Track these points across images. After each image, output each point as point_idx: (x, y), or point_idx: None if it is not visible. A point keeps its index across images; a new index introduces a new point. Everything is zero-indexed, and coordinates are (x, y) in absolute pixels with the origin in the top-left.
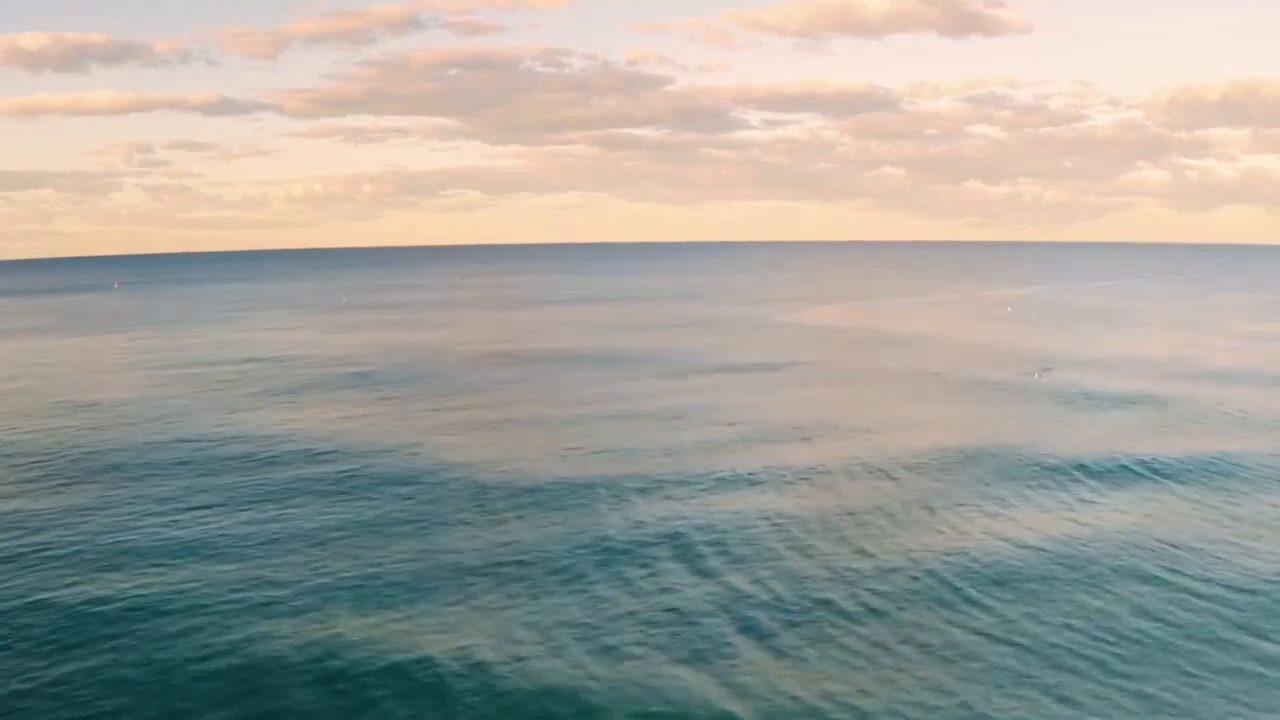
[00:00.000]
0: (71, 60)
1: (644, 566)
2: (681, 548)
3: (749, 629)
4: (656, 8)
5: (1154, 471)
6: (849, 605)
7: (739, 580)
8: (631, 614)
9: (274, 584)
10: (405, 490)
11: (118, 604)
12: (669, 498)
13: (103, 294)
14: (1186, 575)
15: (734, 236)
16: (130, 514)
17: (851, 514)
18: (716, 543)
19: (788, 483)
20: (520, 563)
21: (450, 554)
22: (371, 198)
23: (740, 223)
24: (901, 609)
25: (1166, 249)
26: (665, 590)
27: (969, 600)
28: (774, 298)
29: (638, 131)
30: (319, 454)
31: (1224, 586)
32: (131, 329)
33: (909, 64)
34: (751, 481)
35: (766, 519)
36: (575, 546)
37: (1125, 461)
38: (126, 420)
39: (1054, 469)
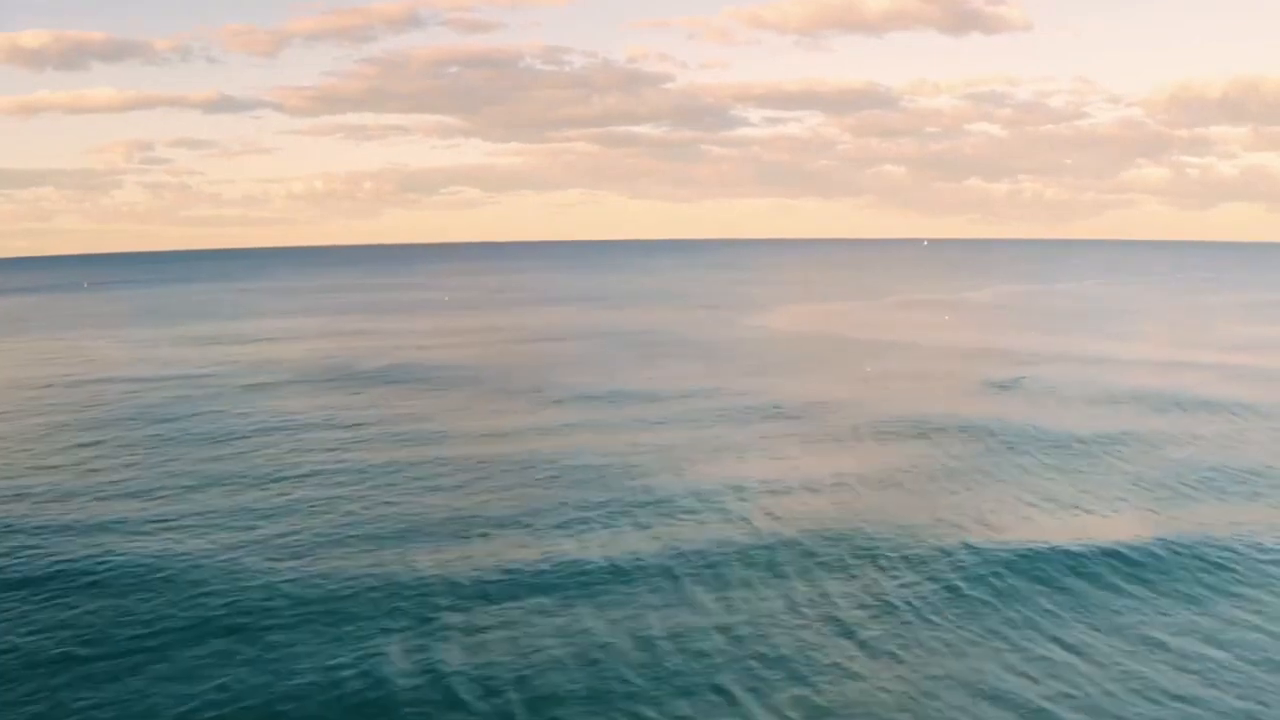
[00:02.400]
0: (72, 58)
1: None
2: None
3: None
4: (656, 5)
5: (1124, 565)
6: None
7: None
8: None
9: None
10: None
11: None
12: (447, 616)
13: (68, 294)
14: None
15: (735, 234)
16: None
17: (675, 637)
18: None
19: (608, 581)
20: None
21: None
22: (372, 195)
23: (741, 220)
24: None
25: (1167, 246)
26: None
27: None
28: (752, 299)
29: (638, 129)
30: (105, 525)
31: None
32: (50, 336)
33: (909, 62)
34: (576, 574)
35: (556, 640)
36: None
37: (1081, 549)
38: None
39: (976, 563)
